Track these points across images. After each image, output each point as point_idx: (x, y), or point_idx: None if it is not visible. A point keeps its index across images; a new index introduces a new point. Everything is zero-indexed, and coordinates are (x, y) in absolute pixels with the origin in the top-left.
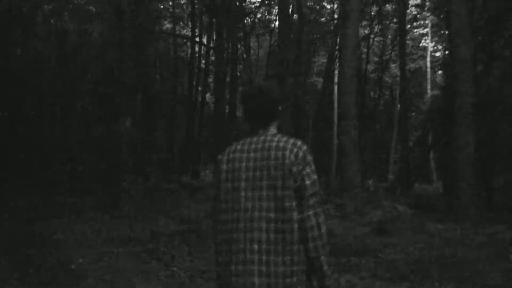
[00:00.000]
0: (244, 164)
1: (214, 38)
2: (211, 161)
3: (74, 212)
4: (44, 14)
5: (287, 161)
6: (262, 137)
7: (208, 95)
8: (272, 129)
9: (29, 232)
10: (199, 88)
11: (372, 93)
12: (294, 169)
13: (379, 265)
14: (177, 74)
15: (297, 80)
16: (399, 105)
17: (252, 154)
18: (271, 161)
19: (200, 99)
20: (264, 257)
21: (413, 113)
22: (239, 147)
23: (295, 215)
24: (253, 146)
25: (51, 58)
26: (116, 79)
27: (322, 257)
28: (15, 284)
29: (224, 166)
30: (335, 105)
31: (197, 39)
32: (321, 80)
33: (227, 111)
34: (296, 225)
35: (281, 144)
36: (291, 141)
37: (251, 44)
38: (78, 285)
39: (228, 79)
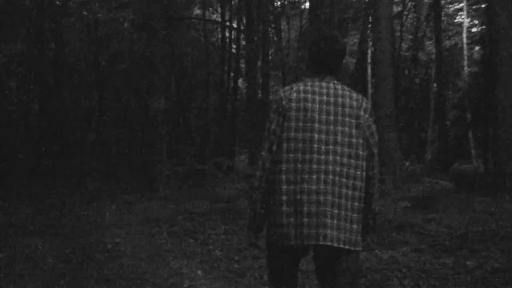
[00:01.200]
0: (317, 106)
1: (244, 22)
2: (245, 146)
3: (111, 196)
4: (75, 4)
5: (361, 112)
6: (332, 84)
7: (240, 80)
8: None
9: (67, 216)
10: (231, 74)
11: (406, 71)
12: (364, 120)
13: (422, 240)
14: (208, 60)
15: None
16: (435, 84)
17: (325, 98)
18: (346, 108)
19: (232, 84)
20: (336, 200)
21: (450, 92)
22: (308, 88)
23: (365, 164)
24: (324, 90)
25: (83, 49)
26: (147, 66)
27: (377, 208)
28: (52, 264)
29: (294, 104)
30: (369, 85)
31: (227, 23)
32: (354, 60)
33: (259, 95)
34: (365, 173)
35: (353, 94)
36: (359, 94)
37: (282, 27)
38: (114, 264)
39: (259, 63)
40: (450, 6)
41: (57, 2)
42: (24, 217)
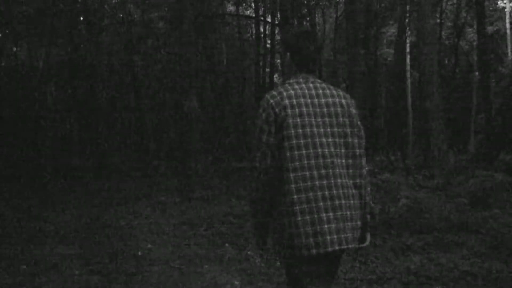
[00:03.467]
0: (311, 109)
1: (279, 16)
2: None
3: (144, 196)
4: (110, 6)
5: (352, 110)
6: (318, 84)
7: (276, 75)
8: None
9: (97, 218)
10: (267, 69)
11: (446, 60)
12: (354, 118)
13: (482, 242)
14: (243, 56)
15: (368, 52)
16: (476, 73)
17: (316, 100)
18: (338, 108)
19: (268, 79)
20: (348, 202)
21: (493, 80)
22: (299, 92)
23: (364, 161)
24: (313, 92)
25: (119, 50)
26: (181, 64)
27: (372, 203)
28: (77, 275)
29: (290, 111)
30: (408, 75)
31: (262, 18)
32: (392, 51)
33: None
34: (364, 171)
35: (340, 92)
36: (342, 91)
37: (317, 20)
38: (144, 274)
39: None
40: None
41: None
42: (56, 223)
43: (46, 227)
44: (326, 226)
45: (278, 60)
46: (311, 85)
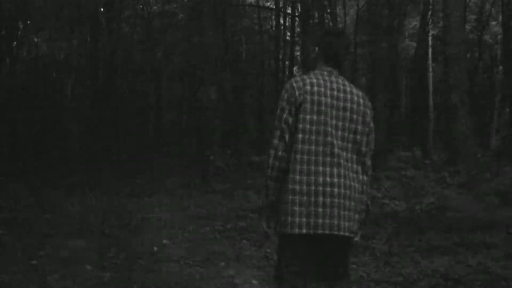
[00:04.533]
0: (329, 100)
1: (299, 8)
2: None
3: (161, 189)
4: None
5: (367, 109)
6: (340, 79)
7: (295, 68)
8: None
9: (114, 211)
10: (286, 62)
11: (468, 54)
12: (368, 118)
13: None
14: (263, 48)
15: (391, 45)
16: (500, 67)
17: (335, 93)
18: (354, 105)
19: (287, 72)
20: (347, 192)
21: None
22: (321, 81)
23: (368, 161)
24: (335, 85)
25: (139, 41)
26: (201, 56)
27: (368, 201)
28: (89, 271)
29: (309, 97)
30: (429, 69)
31: (282, 10)
32: (414, 44)
33: None
34: (367, 169)
35: (359, 92)
36: (361, 91)
37: (338, 11)
38: (158, 271)
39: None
40: None
41: None
42: (73, 215)
43: (62, 219)
44: (320, 209)
45: (298, 53)
46: (333, 78)
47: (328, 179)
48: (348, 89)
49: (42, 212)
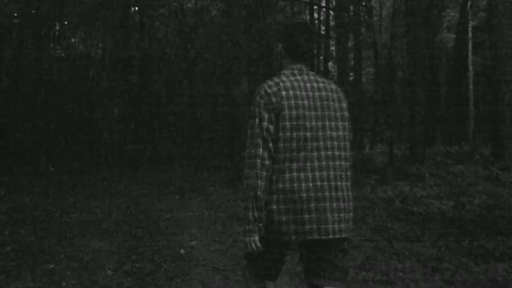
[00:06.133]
0: (306, 102)
1: (334, 1)
2: None
3: (192, 188)
4: None
5: (343, 104)
6: (312, 76)
7: (330, 63)
8: None
9: (141, 209)
10: (321, 57)
11: None
12: (345, 111)
13: None
14: None
15: (429, 37)
16: None
17: (311, 93)
18: (330, 102)
19: (322, 67)
20: (334, 194)
21: None
22: (295, 84)
23: (349, 154)
24: (308, 85)
25: (172, 39)
26: (233, 51)
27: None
28: (109, 276)
29: (286, 103)
30: (469, 61)
31: (316, 3)
32: (453, 35)
33: (351, 78)
34: (349, 163)
35: (332, 86)
36: (334, 84)
37: (373, 4)
38: (185, 276)
39: (350, 43)
40: None
41: None
42: (98, 213)
43: (87, 218)
44: (306, 216)
45: (333, 48)
46: (305, 77)
47: (310, 184)
48: (321, 85)
49: (69, 209)
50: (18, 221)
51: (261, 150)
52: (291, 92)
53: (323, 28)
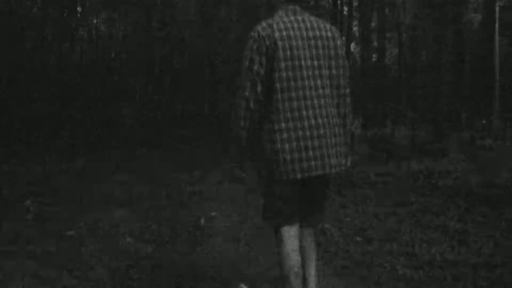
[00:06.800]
0: (300, 42)
1: None
2: (359, 111)
3: (213, 164)
4: None
5: (338, 42)
6: (305, 17)
7: (352, 44)
8: None
9: (161, 184)
10: (343, 37)
11: None
12: (339, 50)
13: None
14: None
15: (455, 17)
16: None
17: (305, 33)
18: (324, 40)
19: (344, 48)
20: (332, 130)
21: None
22: (288, 25)
23: (347, 91)
24: (302, 24)
25: (193, 20)
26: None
27: (352, 127)
28: (128, 242)
29: (280, 43)
30: (496, 43)
31: None
32: (479, 16)
33: (374, 59)
34: (347, 100)
35: (327, 25)
36: (329, 24)
37: None
38: (205, 245)
39: (373, 24)
40: None
41: None
42: (121, 186)
43: (108, 190)
44: (311, 153)
45: (356, 28)
46: (299, 17)
47: (313, 121)
48: (315, 25)
49: (91, 182)
50: (39, 192)
51: (247, 92)
52: (284, 32)
53: (345, 8)
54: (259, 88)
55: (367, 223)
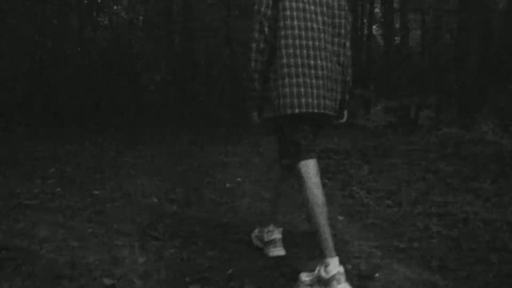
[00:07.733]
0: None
1: None
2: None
3: (237, 137)
4: None
5: (342, 2)
6: None
7: (374, 27)
8: None
9: (186, 155)
10: (364, 20)
11: None
12: (346, 8)
13: None
14: None
15: None
16: None
17: None
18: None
19: (366, 31)
20: (331, 74)
21: None
22: None
23: (348, 42)
24: None
25: (213, 5)
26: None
27: (351, 83)
28: (156, 201)
29: (288, 3)
30: None
31: None
32: None
33: (397, 42)
34: (347, 51)
35: None
36: None
37: None
38: (231, 204)
39: (396, 5)
40: None
41: None
42: (145, 157)
43: (134, 160)
44: (309, 90)
45: (377, 9)
46: None
47: (312, 62)
48: None
49: (115, 154)
50: (64, 162)
51: (257, 34)
52: None
53: None
54: (266, 29)
55: (396, 188)
